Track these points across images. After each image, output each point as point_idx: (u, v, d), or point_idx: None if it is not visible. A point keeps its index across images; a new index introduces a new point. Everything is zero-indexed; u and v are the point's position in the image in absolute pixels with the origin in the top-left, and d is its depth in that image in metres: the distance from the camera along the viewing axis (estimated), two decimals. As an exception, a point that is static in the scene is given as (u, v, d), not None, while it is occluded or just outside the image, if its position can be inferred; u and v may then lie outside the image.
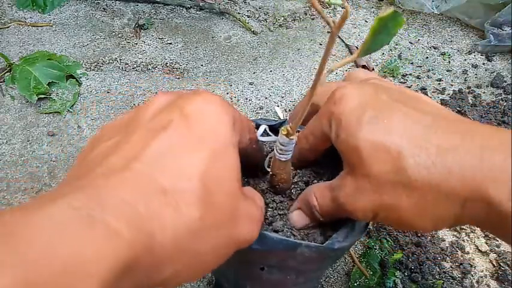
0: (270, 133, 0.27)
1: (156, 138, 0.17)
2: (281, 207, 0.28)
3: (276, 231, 0.26)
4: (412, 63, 0.72)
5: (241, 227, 0.18)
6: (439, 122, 0.20)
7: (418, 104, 0.21)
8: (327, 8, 0.82)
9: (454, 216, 0.19)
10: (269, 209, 0.27)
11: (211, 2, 0.80)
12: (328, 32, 0.77)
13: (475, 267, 0.45)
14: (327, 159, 0.30)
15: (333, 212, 0.23)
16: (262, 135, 0.26)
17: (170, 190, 0.16)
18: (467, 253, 0.46)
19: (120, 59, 0.68)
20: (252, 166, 0.28)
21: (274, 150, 0.25)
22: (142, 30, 0.75)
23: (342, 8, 0.82)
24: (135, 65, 0.68)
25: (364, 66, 0.69)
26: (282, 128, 0.24)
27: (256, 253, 0.23)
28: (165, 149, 0.17)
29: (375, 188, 0.20)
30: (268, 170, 0.28)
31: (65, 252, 0.12)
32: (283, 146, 0.24)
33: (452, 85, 0.68)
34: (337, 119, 0.21)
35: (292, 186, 0.29)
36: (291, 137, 0.23)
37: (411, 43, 0.76)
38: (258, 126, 0.31)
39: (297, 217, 0.26)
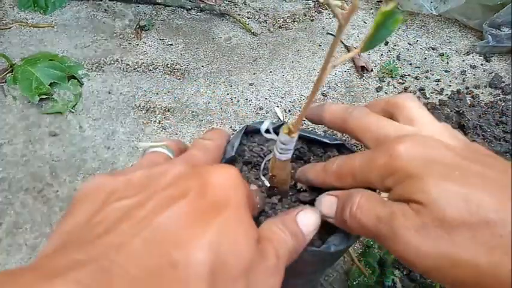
0: (272, 132, 0.27)
1: (171, 207, 0.16)
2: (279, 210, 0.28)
3: None
4: (410, 64, 0.72)
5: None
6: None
7: (485, 159, 0.20)
8: (327, 9, 0.83)
9: None
10: (263, 212, 0.27)
11: (211, 3, 0.81)
12: (327, 33, 0.78)
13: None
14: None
15: (371, 233, 0.20)
16: (266, 131, 0.26)
17: (181, 264, 0.15)
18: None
19: (122, 60, 0.69)
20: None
21: (274, 150, 0.25)
22: (143, 31, 0.75)
23: (342, 10, 0.83)
24: (136, 66, 0.68)
25: (362, 67, 0.69)
26: (283, 126, 0.23)
27: None
28: (179, 218, 0.16)
29: (445, 235, 0.17)
30: (264, 180, 0.28)
31: None
32: (284, 144, 0.24)
33: (450, 86, 0.68)
34: (398, 171, 0.19)
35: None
36: (293, 135, 0.23)
37: (410, 44, 0.76)
38: (258, 130, 0.31)
39: (328, 204, 0.24)
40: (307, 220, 0.22)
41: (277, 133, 0.25)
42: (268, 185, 0.28)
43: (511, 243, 0.16)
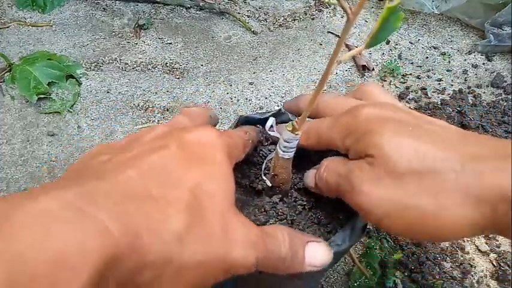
0: (275, 130, 0.27)
1: (153, 154, 0.18)
2: (280, 212, 0.27)
3: None
4: (412, 63, 0.72)
5: (234, 249, 0.18)
6: (466, 137, 0.20)
7: (440, 124, 0.22)
8: (327, 8, 0.82)
9: (481, 220, 0.18)
10: (263, 212, 0.27)
11: (211, 1, 0.80)
12: (328, 32, 0.77)
13: (475, 267, 0.45)
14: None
15: (335, 190, 0.23)
16: (270, 129, 0.26)
17: (161, 198, 0.16)
18: (467, 253, 0.46)
19: (120, 59, 0.68)
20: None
21: (277, 148, 0.25)
22: (142, 30, 0.75)
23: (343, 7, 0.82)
24: (135, 65, 0.68)
25: (364, 66, 0.69)
26: (287, 124, 0.23)
27: None
28: (160, 164, 0.18)
29: (396, 184, 0.19)
30: (266, 180, 0.27)
31: (52, 245, 0.12)
32: (287, 142, 0.24)
33: (452, 85, 0.68)
34: (358, 129, 0.22)
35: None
36: (296, 133, 0.23)
37: (411, 43, 0.76)
38: (252, 121, 0.30)
39: (311, 177, 0.26)
40: (316, 254, 0.22)
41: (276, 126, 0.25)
42: (270, 184, 0.27)
43: (453, 187, 0.18)
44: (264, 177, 0.28)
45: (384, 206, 0.20)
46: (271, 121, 0.25)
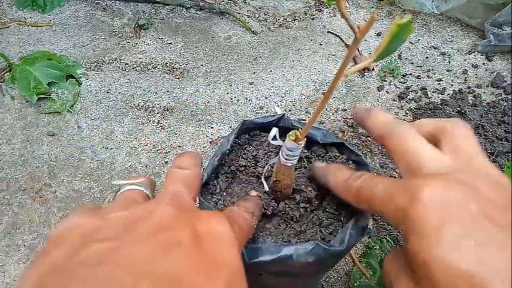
0: (279, 138, 0.27)
1: (168, 257, 0.15)
2: (282, 213, 0.27)
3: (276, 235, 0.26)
4: (412, 63, 0.71)
5: None
6: None
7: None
8: (327, 8, 0.82)
9: None
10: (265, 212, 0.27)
11: (211, 2, 0.80)
12: (328, 32, 0.77)
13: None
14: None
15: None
16: (273, 138, 0.26)
17: None
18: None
19: (120, 59, 0.68)
20: None
21: (280, 155, 0.25)
22: (142, 30, 0.74)
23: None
24: (135, 65, 0.68)
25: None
26: (290, 133, 0.23)
27: (253, 262, 0.23)
28: (178, 270, 0.15)
29: None
30: (264, 185, 0.27)
31: None
32: (290, 151, 0.24)
33: (452, 85, 0.68)
34: (411, 220, 0.18)
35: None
36: (299, 143, 0.23)
37: (411, 43, 0.76)
38: (257, 126, 0.31)
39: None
40: None
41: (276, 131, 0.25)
42: (267, 189, 0.27)
43: None
44: (264, 182, 0.28)
45: None
46: (274, 131, 0.25)
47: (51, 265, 0.15)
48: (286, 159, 0.24)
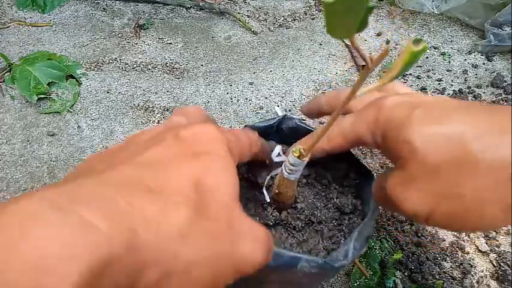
0: (282, 155, 0.27)
1: (148, 149, 0.17)
2: (284, 222, 0.27)
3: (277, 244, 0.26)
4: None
5: (241, 245, 0.16)
6: (495, 109, 0.19)
7: (468, 103, 0.21)
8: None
9: None
10: (268, 221, 0.27)
11: (211, 1, 0.80)
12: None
13: (475, 267, 0.45)
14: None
15: (382, 201, 0.23)
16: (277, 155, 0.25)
17: (158, 191, 0.15)
18: (467, 253, 0.46)
19: (120, 59, 0.68)
20: (261, 162, 0.28)
21: (283, 169, 0.24)
22: (142, 30, 0.74)
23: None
24: (135, 65, 0.68)
25: (364, 66, 0.68)
26: (294, 149, 0.23)
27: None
28: (156, 157, 0.16)
29: (433, 178, 0.18)
30: (265, 195, 0.27)
31: (29, 250, 0.11)
32: (293, 166, 0.23)
33: (452, 85, 0.68)
34: (384, 121, 0.21)
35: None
36: (303, 159, 0.23)
37: (411, 43, 0.75)
38: (259, 131, 0.30)
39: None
40: None
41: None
42: (268, 200, 0.27)
43: (486, 170, 0.17)
44: (265, 192, 0.27)
45: (425, 205, 0.19)
46: (277, 149, 0.25)
47: (86, 164, 0.18)
48: (289, 174, 0.24)
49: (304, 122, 0.30)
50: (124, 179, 0.15)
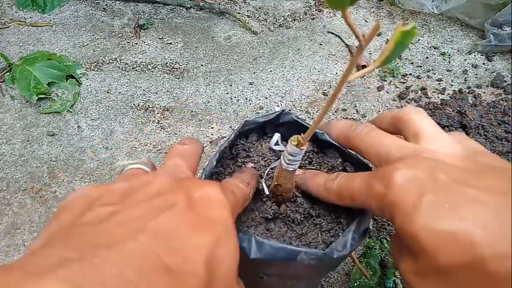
0: (281, 143, 0.27)
1: (162, 215, 0.17)
2: (283, 216, 0.27)
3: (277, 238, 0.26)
4: (412, 63, 0.71)
5: None
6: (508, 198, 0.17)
7: (484, 179, 0.18)
8: (327, 8, 0.82)
9: None
10: (267, 215, 0.27)
11: (211, 2, 0.80)
12: (328, 32, 0.77)
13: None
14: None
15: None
16: (275, 144, 0.26)
17: (175, 270, 0.15)
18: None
19: (120, 59, 0.68)
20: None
21: (281, 160, 0.25)
22: (142, 30, 0.74)
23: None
24: (135, 65, 0.68)
25: (364, 66, 0.69)
26: (292, 138, 0.23)
27: (255, 262, 0.23)
28: (171, 226, 0.16)
29: (443, 279, 0.17)
30: (264, 188, 0.27)
31: None
32: (292, 156, 0.24)
33: (452, 85, 0.68)
34: (391, 203, 0.20)
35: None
36: (302, 148, 0.23)
37: (411, 43, 0.75)
38: (259, 124, 0.31)
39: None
40: None
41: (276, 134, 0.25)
42: (267, 193, 0.27)
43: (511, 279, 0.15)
44: (264, 186, 0.27)
45: None
46: (276, 137, 0.25)
47: (59, 225, 0.17)
48: (288, 164, 0.24)
49: (301, 118, 0.31)
50: (144, 254, 0.15)
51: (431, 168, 0.20)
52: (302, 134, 0.23)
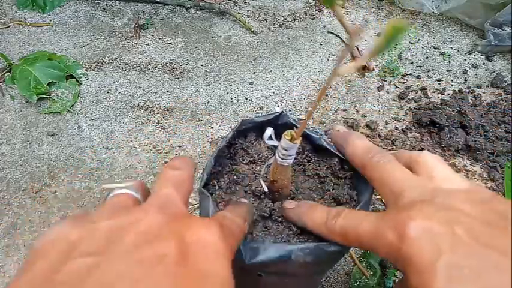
0: (274, 138, 0.27)
1: (150, 273, 0.15)
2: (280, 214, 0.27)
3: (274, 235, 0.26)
4: (412, 63, 0.71)
5: None
6: None
7: (505, 239, 0.17)
8: (327, 8, 0.82)
9: None
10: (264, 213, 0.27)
11: (211, 2, 0.80)
12: (328, 32, 0.77)
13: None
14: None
15: None
16: (269, 138, 0.26)
17: None
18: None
19: (120, 59, 0.68)
20: None
21: (276, 155, 0.25)
22: (142, 30, 0.75)
23: (342, 7, 0.82)
24: (135, 65, 0.68)
25: (364, 67, 0.69)
26: (286, 132, 0.23)
27: (252, 264, 0.23)
28: (159, 285, 0.15)
29: None
30: (262, 185, 0.27)
31: None
32: (285, 150, 0.24)
33: (452, 85, 0.68)
34: (406, 258, 0.18)
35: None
36: (295, 142, 0.23)
37: (411, 43, 0.76)
38: (256, 124, 0.31)
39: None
40: None
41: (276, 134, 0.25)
42: (266, 190, 0.27)
43: None
44: (262, 183, 0.28)
45: None
46: (269, 131, 0.25)
47: (32, 278, 0.15)
48: (282, 159, 0.24)
49: (302, 120, 0.31)
50: None
51: (449, 222, 0.18)
52: (295, 129, 0.23)
